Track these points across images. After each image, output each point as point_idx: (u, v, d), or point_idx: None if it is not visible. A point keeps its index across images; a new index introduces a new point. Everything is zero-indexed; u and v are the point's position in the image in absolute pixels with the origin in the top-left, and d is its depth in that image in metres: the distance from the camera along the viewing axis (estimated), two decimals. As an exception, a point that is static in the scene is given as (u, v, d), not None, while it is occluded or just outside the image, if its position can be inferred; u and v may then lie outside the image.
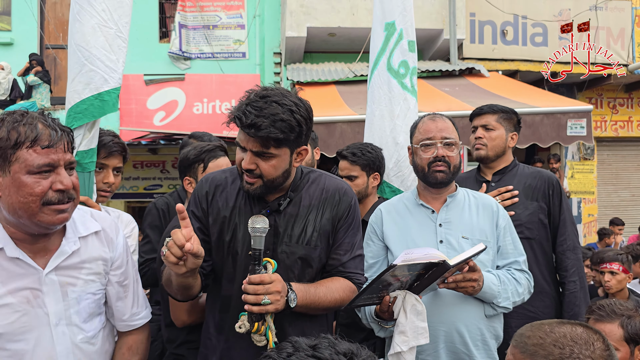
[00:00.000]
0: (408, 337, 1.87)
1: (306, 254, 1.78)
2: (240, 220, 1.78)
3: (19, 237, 1.50)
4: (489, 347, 2.07)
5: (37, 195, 1.42)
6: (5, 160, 1.42)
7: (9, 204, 1.44)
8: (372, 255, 2.24)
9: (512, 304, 2.11)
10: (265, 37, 9.73)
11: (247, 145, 1.65)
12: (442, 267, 1.85)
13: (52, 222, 1.47)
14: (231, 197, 1.81)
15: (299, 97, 1.71)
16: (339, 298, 1.80)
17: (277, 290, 1.59)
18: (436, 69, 8.32)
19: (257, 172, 1.68)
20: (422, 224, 2.19)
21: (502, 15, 9.01)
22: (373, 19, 3.36)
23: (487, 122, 2.76)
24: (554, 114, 6.25)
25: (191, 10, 9.59)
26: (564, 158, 9.43)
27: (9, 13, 9.77)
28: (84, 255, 1.60)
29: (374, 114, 3.23)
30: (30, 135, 1.41)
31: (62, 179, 1.45)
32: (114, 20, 2.54)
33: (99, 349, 1.66)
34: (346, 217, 1.85)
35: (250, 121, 1.58)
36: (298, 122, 1.64)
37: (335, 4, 8.48)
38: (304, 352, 0.98)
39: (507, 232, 2.19)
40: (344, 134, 5.99)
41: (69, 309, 1.55)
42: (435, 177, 2.15)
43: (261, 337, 1.63)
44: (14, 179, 1.42)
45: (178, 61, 9.57)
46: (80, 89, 2.49)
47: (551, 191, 2.68)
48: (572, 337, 1.25)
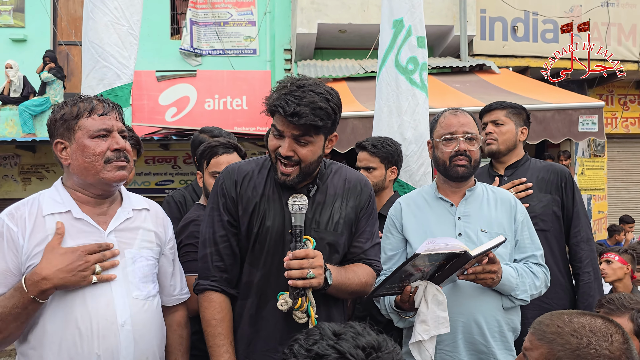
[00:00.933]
0: (429, 326, 1.91)
1: (334, 239, 1.85)
2: (269, 207, 1.83)
3: (83, 200, 1.75)
4: (506, 339, 2.10)
5: (99, 155, 1.70)
6: (70, 130, 1.71)
7: (77, 166, 1.72)
8: (391, 248, 2.28)
9: (530, 296, 2.14)
10: (275, 34, 9.76)
11: (287, 132, 1.72)
12: (463, 258, 1.88)
13: (114, 178, 1.73)
14: (259, 185, 1.86)
15: (330, 87, 1.79)
16: (364, 282, 1.87)
17: (320, 264, 1.66)
18: (446, 66, 8.31)
19: (295, 158, 1.74)
20: (441, 217, 2.22)
21: (512, 11, 8.99)
22: (381, 17, 3.39)
23: (496, 118, 2.80)
24: (565, 110, 6.23)
25: (202, 7, 9.64)
26: (574, 155, 9.40)
27: (23, 10, 9.86)
28: (137, 223, 1.84)
29: (382, 109, 3.28)
30: (87, 107, 1.72)
31: (117, 140, 1.74)
32: (126, 18, 2.61)
33: (154, 312, 1.81)
34: (367, 207, 1.94)
35: (293, 110, 1.65)
36: (333, 109, 1.73)
37: (345, 1, 8.50)
38: (327, 341, 1.03)
39: (524, 227, 2.22)
40: (355, 130, 6.02)
41: (125, 267, 1.75)
42: (456, 171, 2.18)
43: (303, 315, 1.67)
44: (78, 144, 1.70)
45: (189, 58, 9.64)
46: (94, 85, 2.58)
47: (564, 184, 2.70)
48: (590, 328, 1.25)
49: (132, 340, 1.69)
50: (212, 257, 1.84)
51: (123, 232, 1.78)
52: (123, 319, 1.68)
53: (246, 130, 8.26)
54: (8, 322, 1.58)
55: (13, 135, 8.50)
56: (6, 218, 1.67)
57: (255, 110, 8.47)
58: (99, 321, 1.64)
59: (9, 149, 9.13)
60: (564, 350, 1.24)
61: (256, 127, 8.46)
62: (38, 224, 1.67)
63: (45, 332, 1.63)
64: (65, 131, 1.72)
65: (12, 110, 8.86)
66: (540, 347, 1.29)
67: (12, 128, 8.79)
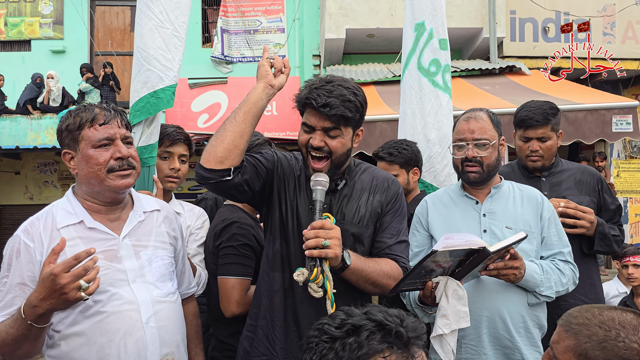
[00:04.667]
0: (450, 320, 1.93)
1: (358, 231, 1.89)
2: (300, 197, 1.92)
3: (95, 209, 1.78)
4: (532, 335, 2.10)
5: (102, 164, 1.73)
6: (74, 141, 1.75)
7: (83, 176, 1.76)
8: (417, 245, 2.30)
9: (556, 293, 2.13)
10: (304, 40, 9.89)
11: (318, 123, 1.80)
12: (482, 254, 1.88)
13: (118, 186, 1.75)
14: (291, 177, 1.96)
15: (356, 83, 1.89)
16: (386, 272, 1.87)
17: (336, 236, 1.67)
18: (475, 68, 8.26)
19: (325, 149, 1.82)
20: (466, 213, 2.23)
21: (543, 12, 8.88)
22: (404, 21, 3.42)
23: (543, 134, 2.66)
24: (597, 110, 6.12)
25: (233, 15, 9.85)
26: (610, 156, 9.19)
27: (62, 22, 10.26)
28: (150, 225, 1.88)
29: (406, 112, 3.30)
30: (89, 117, 1.75)
31: (120, 148, 1.76)
32: (171, 21, 2.64)
33: (175, 308, 1.87)
34: (393, 203, 1.97)
35: (324, 101, 1.75)
36: (360, 103, 1.82)
37: (373, 5, 8.55)
38: (358, 315, 1.04)
39: (551, 224, 2.21)
40: (383, 132, 6.06)
41: (142, 268, 1.79)
42: (467, 177, 2.21)
43: (318, 289, 1.67)
44: (82, 154, 1.74)
45: (220, 65, 9.85)
46: (139, 88, 2.62)
47: (600, 186, 2.69)
48: (620, 322, 1.21)
49: (157, 336, 1.74)
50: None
51: (137, 235, 1.82)
52: (147, 317, 1.73)
53: (276, 135, 8.38)
54: (20, 343, 1.57)
55: (53, 143, 8.84)
56: (22, 235, 1.68)
57: (285, 116, 8.59)
58: (124, 319, 1.68)
59: (49, 156, 9.50)
60: (590, 342, 1.21)
61: (286, 132, 8.58)
62: (54, 238, 1.68)
63: (72, 335, 1.66)
64: (71, 142, 1.76)
65: (52, 118, 9.22)
66: (567, 339, 1.26)
67: (52, 136, 9.13)
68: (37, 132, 9.15)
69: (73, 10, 10.00)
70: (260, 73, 1.90)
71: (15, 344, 1.57)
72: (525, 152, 2.70)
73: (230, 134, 1.79)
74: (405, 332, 1.01)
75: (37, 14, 10.27)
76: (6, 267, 1.68)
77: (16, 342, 1.57)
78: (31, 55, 10.23)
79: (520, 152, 2.74)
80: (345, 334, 1.02)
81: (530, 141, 2.68)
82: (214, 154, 1.76)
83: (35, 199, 9.74)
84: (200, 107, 8.92)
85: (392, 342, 1.00)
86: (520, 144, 2.73)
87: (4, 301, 1.65)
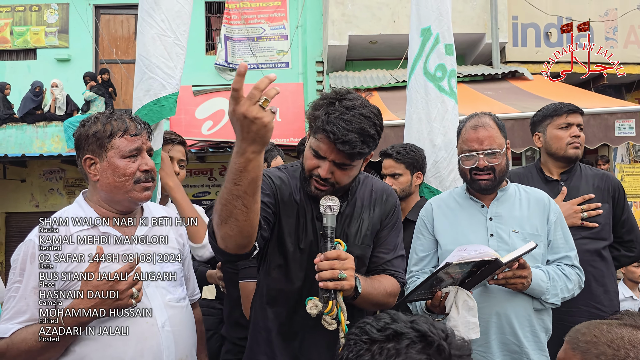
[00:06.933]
0: (460, 331, 1.90)
1: (362, 253, 1.81)
2: (300, 214, 1.80)
3: (109, 215, 1.79)
4: (539, 340, 2.09)
5: (129, 175, 1.75)
6: (102, 148, 1.75)
7: (107, 185, 1.76)
8: (423, 249, 2.28)
9: (561, 299, 2.12)
10: (307, 47, 9.93)
11: (330, 156, 1.64)
12: (494, 265, 1.88)
13: (140, 199, 1.79)
14: (289, 194, 1.83)
15: (374, 106, 1.71)
16: (389, 292, 1.80)
17: (351, 267, 1.57)
18: (478, 73, 8.28)
19: (331, 180, 1.69)
20: (473, 217, 2.21)
21: (545, 17, 8.91)
22: (410, 26, 3.43)
23: (580, 122, 2.70)
24: (600, 115, 6.12)
25: (236, 23, 9.91)
26: (613, 161, 9.19)
27: (67, 31, 10.33)
28: (159, 231, 1.89)
29: (412, 117, 3.31)
30: (122, 127, 1.76)
31: (147, 161, 1.80)
32: (172, 29, 2.66)
33: (187, 313, 1.89)
34: (391, 216, 1.89)
35: (344, 138, 1.57)
36: (378, 133, 1.65)
37: (376, 12, 8.59)
38: (403, 322, 1.00)
39: (558, 227, 2.18)
40: (387, 138, 6.06)
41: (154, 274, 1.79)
42: (478, 185, 2.17)
43: (332, 321, 1.57)
44: (110, 162, 1.75)
45: (224, 72, 9.89)
46: (142, 96, 2.63)
47: (617, 194, 2.65)
48: (629, 340, 1.17)
49: (172, 340, 1.75)
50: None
51: (148, 241, 1.82)
52: (162, 321, 1.74)
53: (279, 141, 8.41)
54: (46, 349, 1.59)
55: (59, 151, 8.88)
56: (36, 239, 1.68)
57: (288, 122, 8.63)
58: (140, 323, 1.68)
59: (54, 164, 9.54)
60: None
61: (289, 139, 8.61)
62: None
63: (87, 339, 1.65)
64: (97, 148, 1.75)
65: (57, 126, 9.27)
66: (574, 357, 1.22)
67: (57, 144, 9.18)
68: (43, 140, 9.20)
69: (78, 19, 10.07)
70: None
71: (41, 350, 1.59)
72: (566, 140, 2.68)
73: (245, 224, 1.47)
74: (447, 347, 0.96)
75: (42, 23, 10.35)
76: (18, 272, 1.67)
77: (43, 349, 1.58)
78: (37, 63, 10.29)
79: (559, 141, 2.69)
80: (386, 338, 0.99)
81: (571, 127, 2.68)
82: (233, 243, 1.51)
83: (41, 206, 9.78)
84: (205, 114, 8.98)
85: (431, 355, 0.95)
86: (560, 133, 2.70)
87: (16, 307, 1.65)
